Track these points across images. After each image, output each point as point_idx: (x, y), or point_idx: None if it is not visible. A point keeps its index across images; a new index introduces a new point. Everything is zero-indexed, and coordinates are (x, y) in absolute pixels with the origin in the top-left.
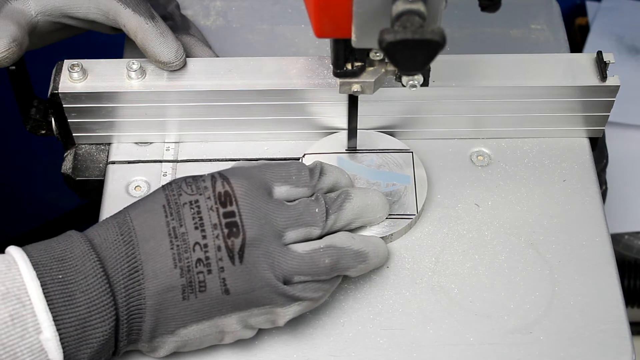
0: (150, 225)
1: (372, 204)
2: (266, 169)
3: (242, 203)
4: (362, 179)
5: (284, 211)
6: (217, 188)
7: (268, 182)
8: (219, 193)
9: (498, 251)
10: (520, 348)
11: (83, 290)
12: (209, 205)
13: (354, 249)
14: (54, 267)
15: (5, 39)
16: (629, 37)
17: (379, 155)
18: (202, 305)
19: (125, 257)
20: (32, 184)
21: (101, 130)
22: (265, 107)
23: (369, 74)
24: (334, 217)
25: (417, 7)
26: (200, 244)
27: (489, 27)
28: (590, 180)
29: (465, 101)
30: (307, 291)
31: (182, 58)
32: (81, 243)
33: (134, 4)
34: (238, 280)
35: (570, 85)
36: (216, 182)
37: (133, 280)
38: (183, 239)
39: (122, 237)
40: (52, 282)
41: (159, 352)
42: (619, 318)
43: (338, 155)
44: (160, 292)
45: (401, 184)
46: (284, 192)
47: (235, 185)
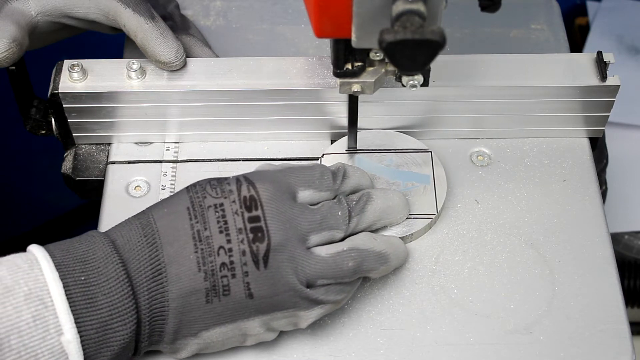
0: (174, 227)
1: (393, 205)
2: (290, 173)
3: (267, 208)
4: (382, 179)
5: (308, 215)
6: (243, 192)
7: (292, 186)
8: (244, 197)
9: (498, 251)
10: (520, 348)
11: (105, 293)
12: (234, 209)
13: (376, 251)
14: (77, 268)
15: (5, 39)
16: (629, 37)
17: (398, 155)
18: (226, 308)
19: (149, 259)
20: (32, 184)
21: (101, 130)
22: (265, 107)
23: (369, 74)
24: (356, 219)
25: (417, 7)
26: (225, 248)
27: (489, 27)
28: (590, 180)
29: (465, 101)
30: (330, 294)
31: (182, 58)
32: (104, 244)
33: (134, 4)
34: (262, 285)
35: (571, 85)
36: (241, 186)
37: (156, 282)
38: (207, 242)
39: (145, 238)
40: (75, 284)
41: (180, 353)
42: (619, 318)
43: (357, 155)
44: (183, 295)
45: (421, 184)
46: (308, 196)
47: (261, 190)
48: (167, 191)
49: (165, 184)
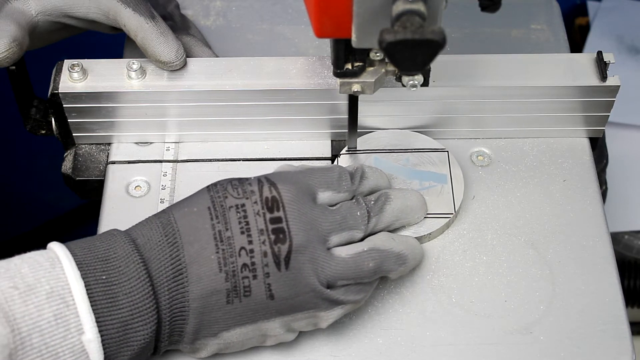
0: (195, 227)
1: (411, 205)
2: (310, 175)
3: (289, 209)
4: (399, 179)
5: (329, 216)
6: (264, 193)
7: (312, 188)
8: (266, 198)
9: (498, 251)
10: (520, 348)
11: (126, 293)
12: (256, 209)
13: (395, 252)
14: (98, 267)
15: (5, 39)
16: (629, 37)
17: (414, 155)
18: (246, 309)
19: (170, 259)
20: (32, 184)
21: (101, 130)
22: (265, 107)
23: (369, 74)
24: (375, 219)
25: (417, 7)
26: (246, 249)
27: (489, 27)
28: (590, 180)
29: (465, 101)
30: (350, 294)
31: (183, 58)
32: (125, 243)
33: (134, 4)
34: (283, 286)
35: (571, 85)
36: (263, 187)
37: (177, 283)
38: (229, 243)
39: (166, 238)
40: (96, 282)
41: (200, 353)
42: (619, 318)
43: (375, 155)
44: (204, 296)
45: (438, 183)
46: (327, 197)
47: (283, 191)
48: (167, 191)
49: (166, 184)
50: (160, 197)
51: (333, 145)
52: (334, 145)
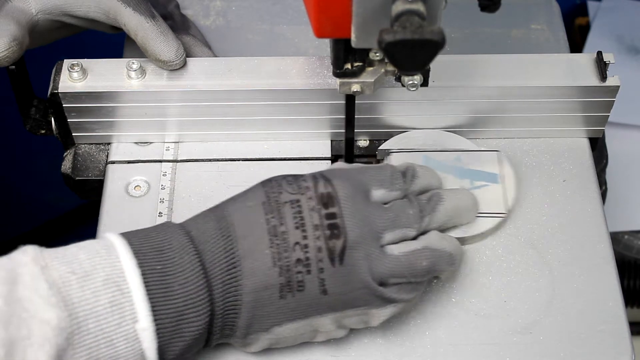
0: (249, 221)
1: (463, 205)
2: (364, 172)
3: (345, 205)
4: (450, 178)
5: (383, 213)
6: (319, 189)
7: (366, 185)
8: (321, 194)
9: (498, 251)
10: (520, 348)
11: (181, 283)
12: (311, 205)
13: (447, 252)
14: (153, 257)
15: (5, 38)
16: (629, 37)
17: (465, 154)
18: (299, 304)
19: (224, 252)
20: (32, 184)
21: (101, 130)
22: (265, 107)
23: (369, 74)
24: (428, 219)
25: (416, 7)
26: (301, 244)
27: (489, 27)
28: (590, 181)
29: (465, 101)
30: (403, 293)
31: (183, 57)
32: (180, 235)
33: (134, 3)
34: (337, 282)
35: (570, 85)
36: (318, 183)
37: (231, 276)
38: (283, 237)
39: (220, 231)
40: (151, 272)
41: (251, 347)
42: (618, 318)
43: (425, 153)
44: (257, 290)
45: (490, 183)
46: (380, 195)
47: (338, 187)
48: (167, 191)
49: (165, 184)
50: (160, 197)
51: (333, 145)
52: (334, 145)
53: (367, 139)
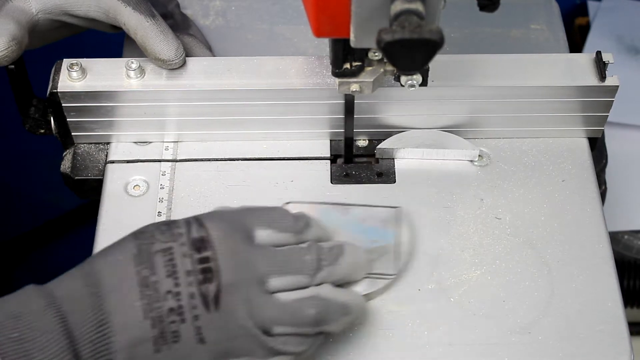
0: (118, 275)
1: (360, 262)
2: (247, 213)
3: (219, 247)
4: (345, 232)
5: (268, 256)
6: (192, 233)
7: (248, 226)
8: (194, 239)
9: (497, 251)
10: (519, 348)
11: (40, 348)
12: (183, 251)
13: (339, 301)
14: (9, 325)
15: (4, 38)
16: (628, 37)
17: (363, 209)
18: (176, 356)
19: (91, 309)
20: (32, 184)
21: (100, 129)
22: (264, 107)
23: (368, 73)
24: (327, 271)
25: (415, 7)
26: (173, 292)
27: (489, 27)
28: (590, 181)
29: (464, 101)
30: (289, 344)
31: (182, 56)
32: (39, 297)
33: (134, 3)
34: (214, 329)
35: (570, 85)
36: (191, 228)
37: (100, 333)
38: (154, 288)
39: (87, 288)
40: (7, 340)
41: None
42: (617, 318)
43: (323, 206)
44: (130, 346)
45: (384, 242)
46: (267, 236)
47: (212, 229)
48: (166, 190)
49: (164, 184)
50: (159, 197)
51: (332, 144)
52: (333, 144)
53: (366, 139)
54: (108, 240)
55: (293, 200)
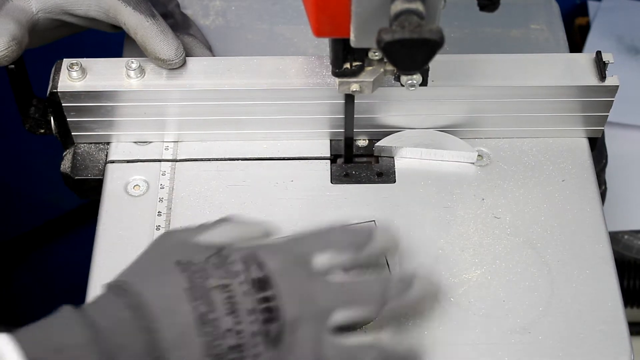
0: (173, 309)
1: (429, 295)
2: (303, 239)
3: (281, 285)
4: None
5: (331, 289)
6: (252, 273)
7: (307, 252)
8: (254, 279)
9: (497, 251)
10: (518, 348)
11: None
12: (244, 290)
13: (399, 353)
14: (40, 340)
15: (4, 37)
16: (629, 37)
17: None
18: None
19: (144, 345)
20: (32, 184)
21: (100, 129)
22: (264, 107)
23: (368, 73)
24: (394, 303)
25: (415, 7)
26: (234, 330)
27: (489, 27)
28: (590, 180)
29: (464, 101)
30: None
31: (182, 56)
32: (82, 327)
33: (134, 2)
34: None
35: (570, 85)
36: (250, 267)
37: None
38: (214, 325)
39: (137, 322)
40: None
41: None
42: (617, 318)
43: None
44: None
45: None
46: (327, 260)
47: (271, 266)
48: (166, 190)
49: (164, 183)
50: (159, 197)
51: (332, 144)
52: (333, 144)
53: (366, 139)
54: (108, 240)
55: None
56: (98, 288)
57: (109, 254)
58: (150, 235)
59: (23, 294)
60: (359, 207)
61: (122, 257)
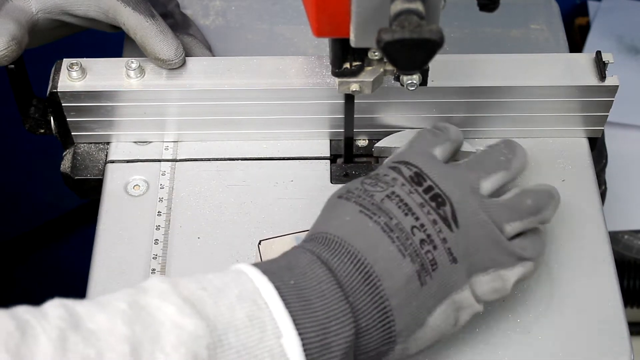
0: (361, 231)
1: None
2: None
3: (433, 175)
4: None
5: (469, 165)
6: (405, 173)
7: (431, 149)
8: (410, 176)
9: None
10: (518, 347)
11: (319, 296)
12: (407, 190)
13: (542, 188)
14: (284, 274)
15: (4, 37)
16: (629, 37)
17: None
18: (439, 283)
19: (353, 264)
20: (32, 184)
21: (100, 129)
22: (264, 107)
23: (368, 73)
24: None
25: (415, 7)
26: (417, 226)
27: (489, 27)
28: (589, 180)
29: (464, 101)
30: (527, 250)
31: (182, 56)
32: (304, 253)
33: (134, 3)
34: (461, 245)
35: (570, 85)
36: (401, 170)
37: (368, 284)
38: (399, 228)
39: (338, 248)
40: (285, 287)
41: (410, 350)
42: (617, 318)
43: (294, 236)
44: (400, 288)
45: None
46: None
47: (417, 163)
48: (166, 190)
49: (164, 183)
50: (159, 196)
51: (332, 144)
52: (333, 144)
53: (366, 139)
54: (108, 240)
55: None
56: (98, 288)
57: (109, 254)
58: (150, 235)
59: (23, 294)
60: None
61: (122, 257)
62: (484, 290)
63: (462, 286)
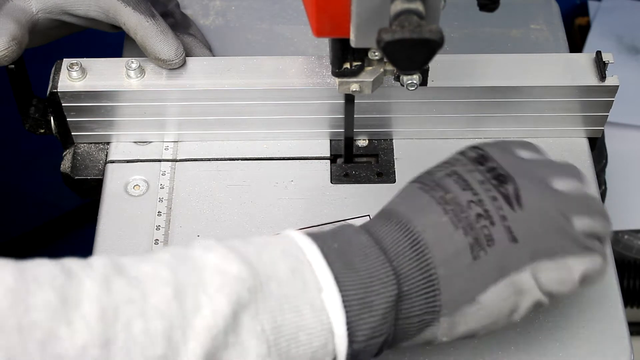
0: (414, 203)
1: None
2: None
3: (497, 156)
4: None
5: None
6: (469, 154)
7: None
8: (473, 157)
9: None
10: (517, 347)
11: (362, 258)
12: (468, 169)
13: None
14: (328, 238)
15: (4, 37)
16: (629, 37)
17: None
18: (495, 260)
19: (400, 232)
20: (32, 184)
21: (100, 129)
22: (264, 107)
23: (368, 73)
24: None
25: (415, 7)
26: (474, 200)
27: (489, 27)
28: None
29: (464, 101)
30: (594, 244)
31: (182, 56)
32: (348, 225)
33: (134, 2)
34: (523, 226)
35: (570, 85)
36: (465, 153)
37: (416, 251)
38: (455, 202)
39: (388, 218)
40: (328, 248)
41: (458, 329)
42: (617, 318)
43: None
44: (449, 259)
45: None
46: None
47: (486, 148)
48: (166, 190)
49: (164, 183)
50: (159, 197)
51: (332, 144)
52: (333, 144)
53: (366, 139)
54: (108, 240)
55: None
56: None
57: (109, 253)
58: (150, 235)
59: None
60: (359, 207)
61: None
62: (548, 278)
63: (523, 268)
